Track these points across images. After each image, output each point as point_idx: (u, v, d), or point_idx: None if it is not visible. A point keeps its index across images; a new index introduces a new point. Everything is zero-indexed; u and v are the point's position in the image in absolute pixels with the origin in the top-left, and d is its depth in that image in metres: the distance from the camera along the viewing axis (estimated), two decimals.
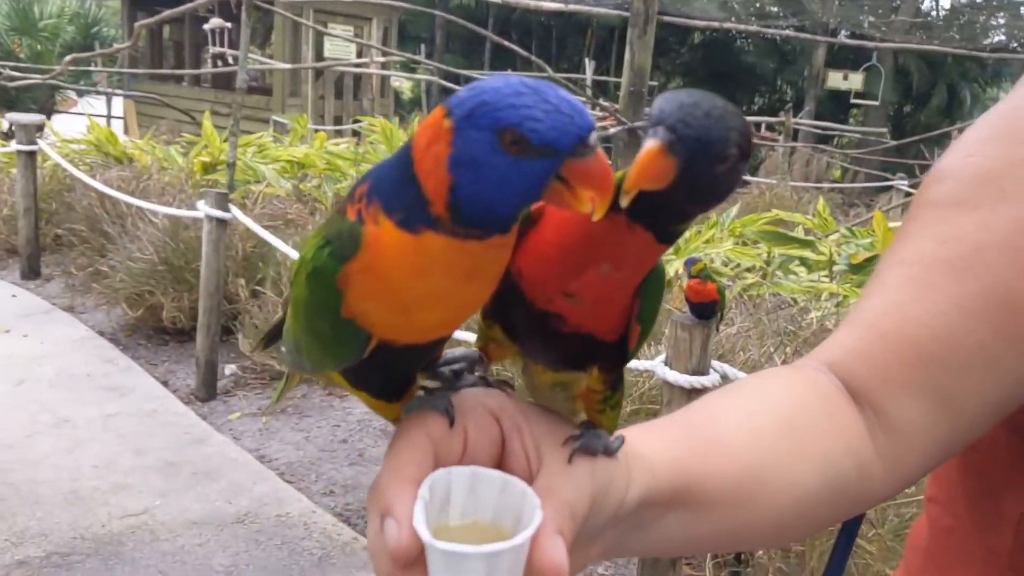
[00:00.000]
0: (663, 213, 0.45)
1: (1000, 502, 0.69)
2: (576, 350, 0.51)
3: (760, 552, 2.73)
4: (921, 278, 0.62)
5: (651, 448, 0.52)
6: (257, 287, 5.15)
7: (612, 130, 5.72)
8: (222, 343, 4.84)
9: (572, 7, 12.74)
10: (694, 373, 2.39)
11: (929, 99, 20.17)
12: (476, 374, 0.55)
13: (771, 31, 11.68)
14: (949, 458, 0.66)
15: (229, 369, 4.90)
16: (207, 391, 4.60)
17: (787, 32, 12.83)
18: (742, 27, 14.88)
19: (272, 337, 0.62)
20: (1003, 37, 19.19)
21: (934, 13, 21.21)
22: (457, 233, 0.43)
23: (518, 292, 0.49)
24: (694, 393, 2.36)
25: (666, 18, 7.32)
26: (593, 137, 0.41)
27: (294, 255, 4.48)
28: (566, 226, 0.48)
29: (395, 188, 0.44)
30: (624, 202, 0.43)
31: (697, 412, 0.61)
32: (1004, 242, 0.60)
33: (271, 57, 15.03)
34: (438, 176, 0.42)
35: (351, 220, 0.45)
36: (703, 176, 0.43)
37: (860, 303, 0.67)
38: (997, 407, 0.62)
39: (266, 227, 4.92)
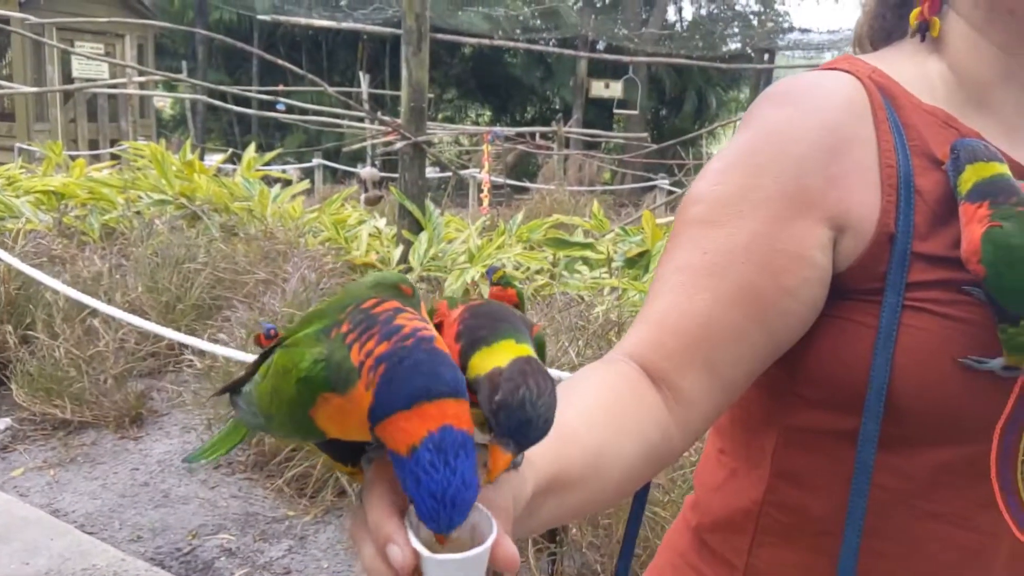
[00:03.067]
0: None
1: (761, 442, 0.91)
2: None
3: (573, 530, 2.98)
4: (690, 281, 0.82)
5: (530, 452, 0.65)
6: (27, 331, 4.75)
7: (398, 145, 5.83)
8: None
9: (342, 25, 12.72)
10: None
11: (682, 104, 22.07)
12: None
13: (537, 47, 12.32)
14: (721, 415, 0.85)
15: (3, 423, 4.49)
16: None
17: (551, 48, 13.56)
18: (511, 44, 15.48)
19: (227, 389, 0.69)
20: (739, 45, 21.27)
21: (679, 25, 23.24)
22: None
23: None
24: None
25: (439, 36, 7.54)
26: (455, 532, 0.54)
27: (70, 293, 4.19)
28: (451, 330, 0.63)
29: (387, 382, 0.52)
30: (491, 479, 0.59)
31: None
32: (746, 249, 0.80)
33: (9, 79, 13.68)
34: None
35: (353, 364, 0.53)
36: None
37: (647, 305, 0.85)
38: (751, 372, 0.83)
39: (31, 266, 4.56)
